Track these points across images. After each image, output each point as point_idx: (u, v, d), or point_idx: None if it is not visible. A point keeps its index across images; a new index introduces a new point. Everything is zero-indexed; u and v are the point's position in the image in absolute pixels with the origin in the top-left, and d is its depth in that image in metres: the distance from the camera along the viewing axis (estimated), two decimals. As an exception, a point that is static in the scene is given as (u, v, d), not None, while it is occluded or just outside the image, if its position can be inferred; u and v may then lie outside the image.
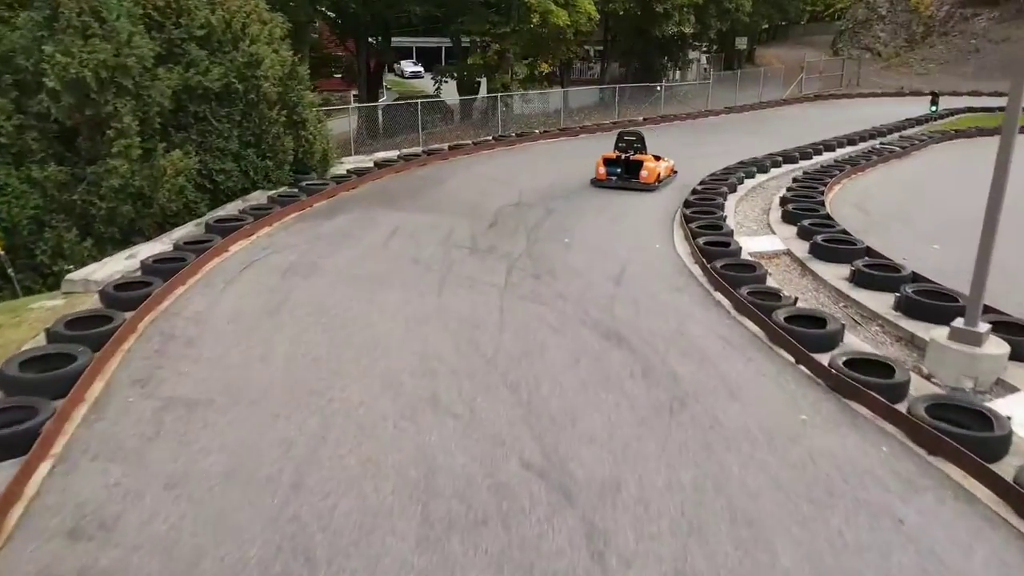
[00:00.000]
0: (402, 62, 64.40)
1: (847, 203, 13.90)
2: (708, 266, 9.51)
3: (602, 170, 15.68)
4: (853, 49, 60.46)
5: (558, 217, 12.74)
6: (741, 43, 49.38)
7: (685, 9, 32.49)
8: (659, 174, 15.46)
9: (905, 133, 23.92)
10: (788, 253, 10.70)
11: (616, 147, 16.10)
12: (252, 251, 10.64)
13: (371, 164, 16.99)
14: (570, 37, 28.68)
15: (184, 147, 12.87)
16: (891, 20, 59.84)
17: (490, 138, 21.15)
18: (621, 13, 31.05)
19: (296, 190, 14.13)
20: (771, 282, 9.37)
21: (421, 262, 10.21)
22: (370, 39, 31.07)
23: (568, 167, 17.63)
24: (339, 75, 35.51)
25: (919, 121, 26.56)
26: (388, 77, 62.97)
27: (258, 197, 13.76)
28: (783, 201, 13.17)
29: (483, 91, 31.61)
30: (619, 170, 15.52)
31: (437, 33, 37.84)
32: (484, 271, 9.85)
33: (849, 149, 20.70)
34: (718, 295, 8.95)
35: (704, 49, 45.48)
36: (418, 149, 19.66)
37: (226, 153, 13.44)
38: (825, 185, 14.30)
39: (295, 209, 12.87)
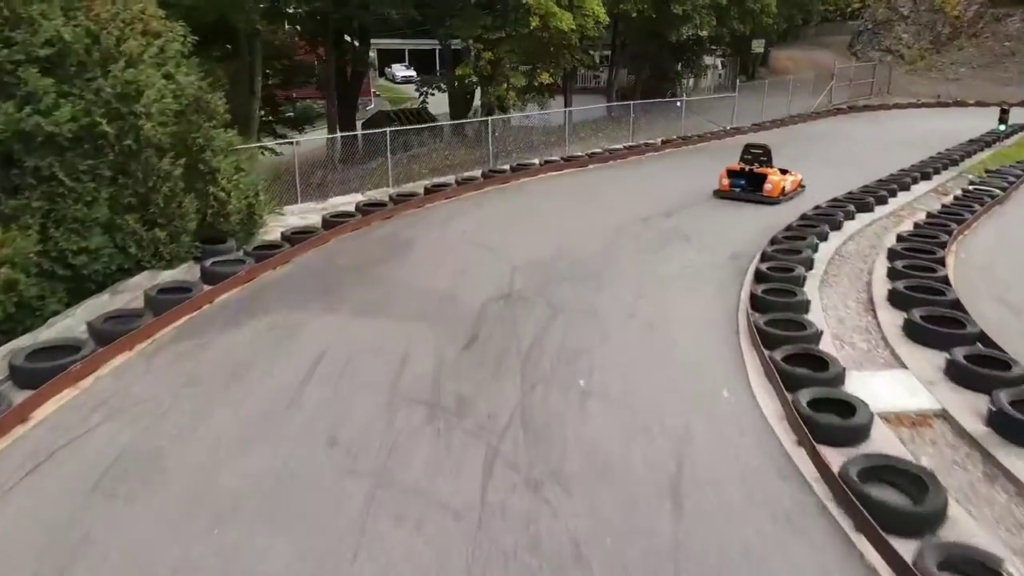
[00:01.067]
0: (393, 66, 60.17)
1: (979, 292, 9.75)
2: (835, 475, 5.40)
3: (725, 182, 15.66)
4: (873, 51, 56.55)
5: (568, 323, 8.62)
6: (758, 46, 45.32)
7: (705, 11, 28.37)
8: (783, 187, 15.30)
9: (982, 159, 19.88)
10: (944, 416, 6.59)
11: (741, 159, 15.95)
12: (69, 417, 6.50)
13: (319, 219, 12.85)
14: (575, 43, 24.62)
15: (21, 219, 8.80)
16: (914, 21, 55.87)
17: (478, 175, 16.92)
18: (633, 15, 26.94)
19: (200, 271, 10.08)
20: (955, 510, 5.25)
21: (341, 445, 6.09)
22: (348, 40, 26.97)
23: (578, 219, 13.53)
24: (314, 84, 31.34)
25: (987, 142, 22.49)
26: (379, 82, 58.81)
27: (141, 283, 9.66)
28: (895, 298, 9.03)
29: (477, 99, 27.59)
30: (743, 182, 15.49)
31: (430, 35, 33.76)
32: (445, 471, 5.73)
33: (924, 187, 16.61)
34: (865, 546, 4.87)
35: (719, 53, 41.29)
36: (386, 193, 15.50)
37: (89, 224, 9.30)
38: (940, 263, 10.19)
39: (182, 312, 8.77)
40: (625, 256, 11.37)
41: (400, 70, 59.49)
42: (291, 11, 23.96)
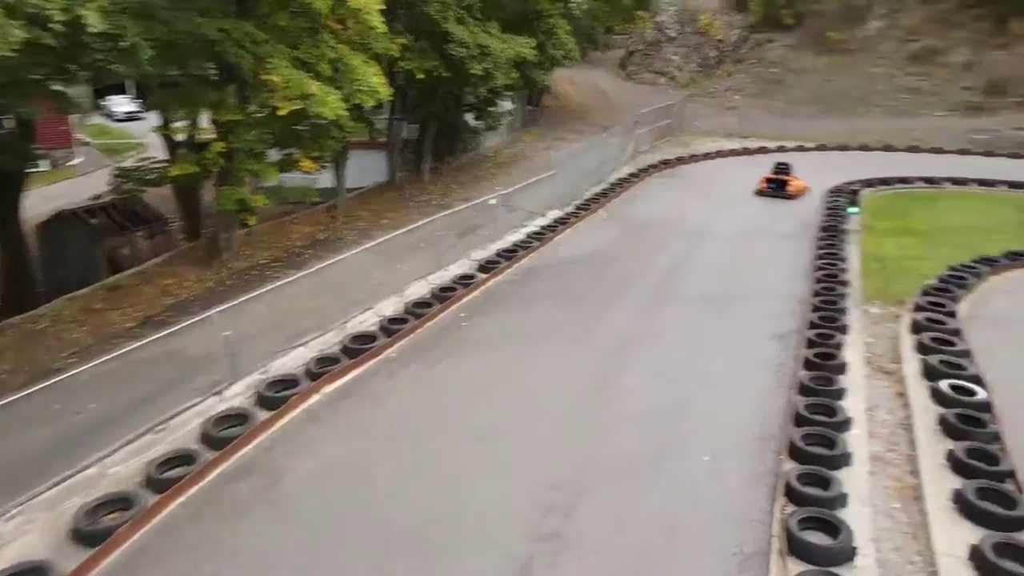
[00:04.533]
0: (112, 98, 47.68)
1: None
2: None
3: (763, 185, 23.90)
4: (646, 72, 55.76)
5: None
6: (545, 78, 41.12)
7: (505, 66, 22.81)
8: (800, 189, 23.70)
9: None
10: None
11: (774, 171, 24.11)
12: None
13: None
14: (345, 125, 17.72)
15: None
16: (681, 43, 55.90)
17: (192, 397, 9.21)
18: (420, 76, 20.61)
19: None
20: None
21: None
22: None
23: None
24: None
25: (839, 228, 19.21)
26: (93, 120, 46.34)
27: None
28: None
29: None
30: (774, 186, 23.69)
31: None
32: None
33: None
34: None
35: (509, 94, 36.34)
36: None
37: None
38: None
39: None
40: None
41: (122, 103, 47.37)
42: None
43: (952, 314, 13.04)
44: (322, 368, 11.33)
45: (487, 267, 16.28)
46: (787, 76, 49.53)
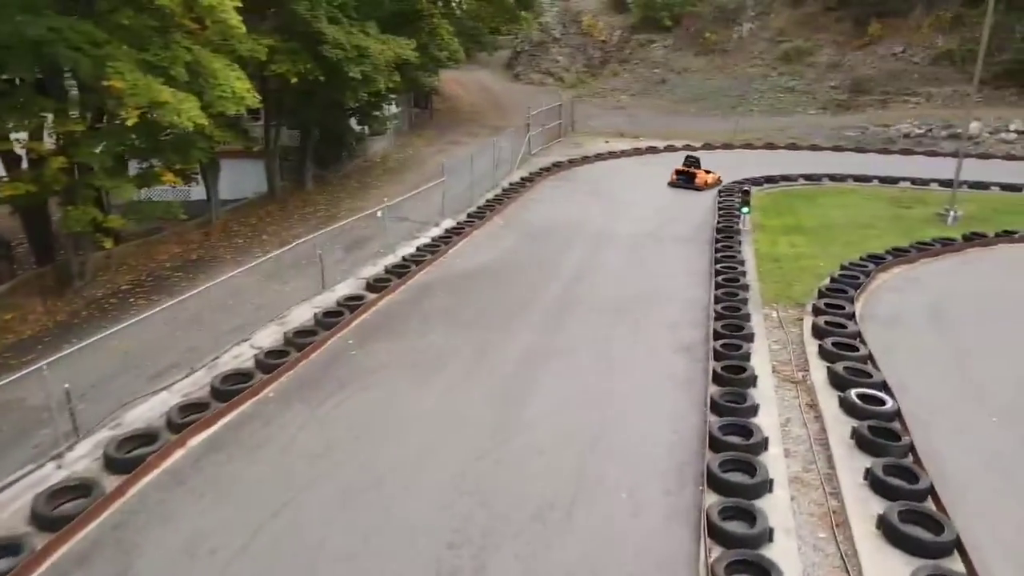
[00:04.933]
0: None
1: None
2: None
3: (674, 177, 25.09)
4: (534, 73, 55.60)
5: None
6: (431, 80, 40.05)
7: (386, 69, 21.57)
8: (707, 181, 24.64)
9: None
10: None
11: (684, 164, 25.26)
12: None
13: None
14: (211, 134, 16.02)
15: None
16: (566, 43, 56.20)
17: None
18: (293, 80, 19.05)
19: None
20: None
21: None
22: None
23: None
24: None
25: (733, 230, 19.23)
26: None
27: None
28: None
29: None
30: (684, 179, 24.85)
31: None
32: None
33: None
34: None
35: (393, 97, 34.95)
36: None
37: None
38: None
39: None
40: None
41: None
42: None
43: (851, 316, 13.01)
44: (187, 417, 9.83)
45: (377, 285, 15.05)
46: (669, 76, 50.49)
